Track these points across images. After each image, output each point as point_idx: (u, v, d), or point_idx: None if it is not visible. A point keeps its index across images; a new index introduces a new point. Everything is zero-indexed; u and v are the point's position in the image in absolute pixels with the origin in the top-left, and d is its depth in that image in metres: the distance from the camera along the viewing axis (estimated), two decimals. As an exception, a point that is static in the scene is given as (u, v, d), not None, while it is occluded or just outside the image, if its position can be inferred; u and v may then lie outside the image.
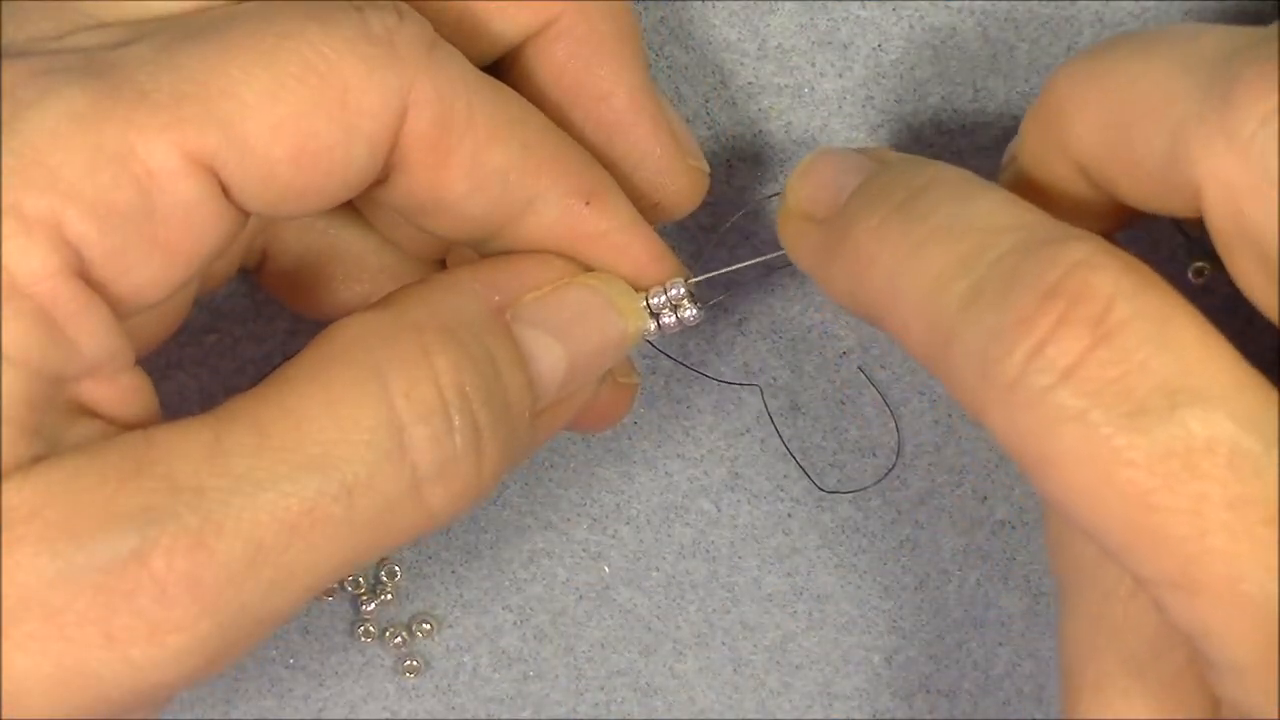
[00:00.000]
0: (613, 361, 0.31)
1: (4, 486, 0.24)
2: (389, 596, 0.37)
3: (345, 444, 0.26)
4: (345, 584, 0.37)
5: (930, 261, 0.26)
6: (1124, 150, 0.26)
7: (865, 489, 0.36)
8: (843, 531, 0.37)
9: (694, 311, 0.30)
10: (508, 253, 0.30)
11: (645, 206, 0.31)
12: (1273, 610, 0.23)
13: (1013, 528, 0.36)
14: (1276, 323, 0.25)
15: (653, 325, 0.31)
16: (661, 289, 0.30)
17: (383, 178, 0.28)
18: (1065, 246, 0.25)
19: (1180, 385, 0.23)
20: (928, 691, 0.37)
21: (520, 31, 0.30)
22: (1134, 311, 0.24)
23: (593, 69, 0.30)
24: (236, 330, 0.36)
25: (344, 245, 0.33)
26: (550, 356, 0.29)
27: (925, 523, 0.36)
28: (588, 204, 0.30)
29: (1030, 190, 0.29)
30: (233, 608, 0.25)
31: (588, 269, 0.30)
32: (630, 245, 0.30)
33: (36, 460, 0.25)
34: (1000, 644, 0.37)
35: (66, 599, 0.24)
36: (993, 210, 0.26)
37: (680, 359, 0.36)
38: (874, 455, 0.36)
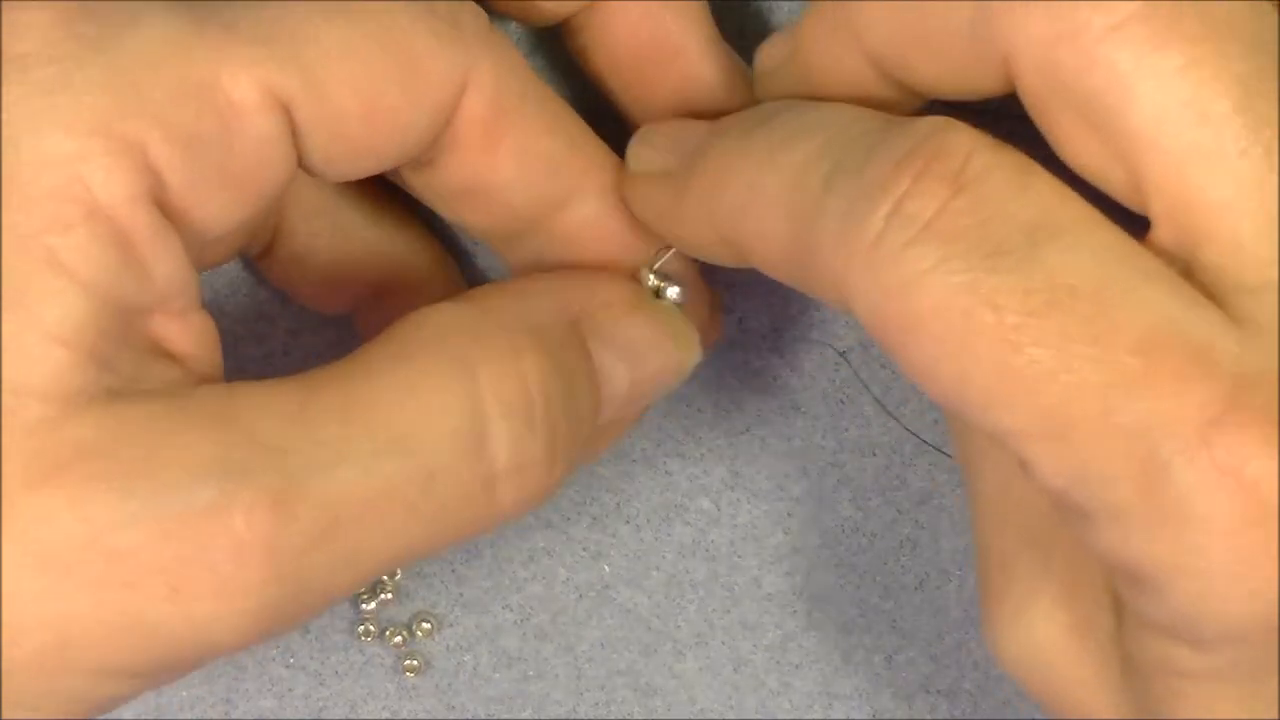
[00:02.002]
0: (666, 392, 0.31)
1: (77, 418, 0.23)
2: (389, 596, 0.37)
3: (430, 430, 0.26)
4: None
5: (792, 155, 0.26)
6: (922, 31, 0.26)
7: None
8: (843, 531, 0.37)
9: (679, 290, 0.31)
10: (575, 268, 0.31)
11: None
12: (1148, 440, 0.22)
13: (1013, 527, 0.36)
14: (1109, 188, 0.25)
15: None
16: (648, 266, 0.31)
17: (431, 160, 0.28)
18: (920, 120, 0.25)
19: (1039, 224, 0.23)
20: (928, 691, 0.37)
21: None
22: (991, 163, 0.24)
23: (664, 26, 0.31)
24: (237, 330, 0.36)
25: (353, 236, 0.33)
26: (615, 375, 0.29)
27: (925, 523, 0.36)
28: (625, 205, 0.30)
29: (816, 91, 0.28)
30: (301, 577, 0.24)
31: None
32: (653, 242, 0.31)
33: (113, 396, 0.24)
34: (1000, 644, 0.37)
35: (135, 545, 0.23)
36: (847, 109, 0.27)
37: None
38: (874, 455, 0.36)
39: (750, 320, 0.36)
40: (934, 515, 0.36)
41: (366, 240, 0.33)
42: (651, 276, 0.31)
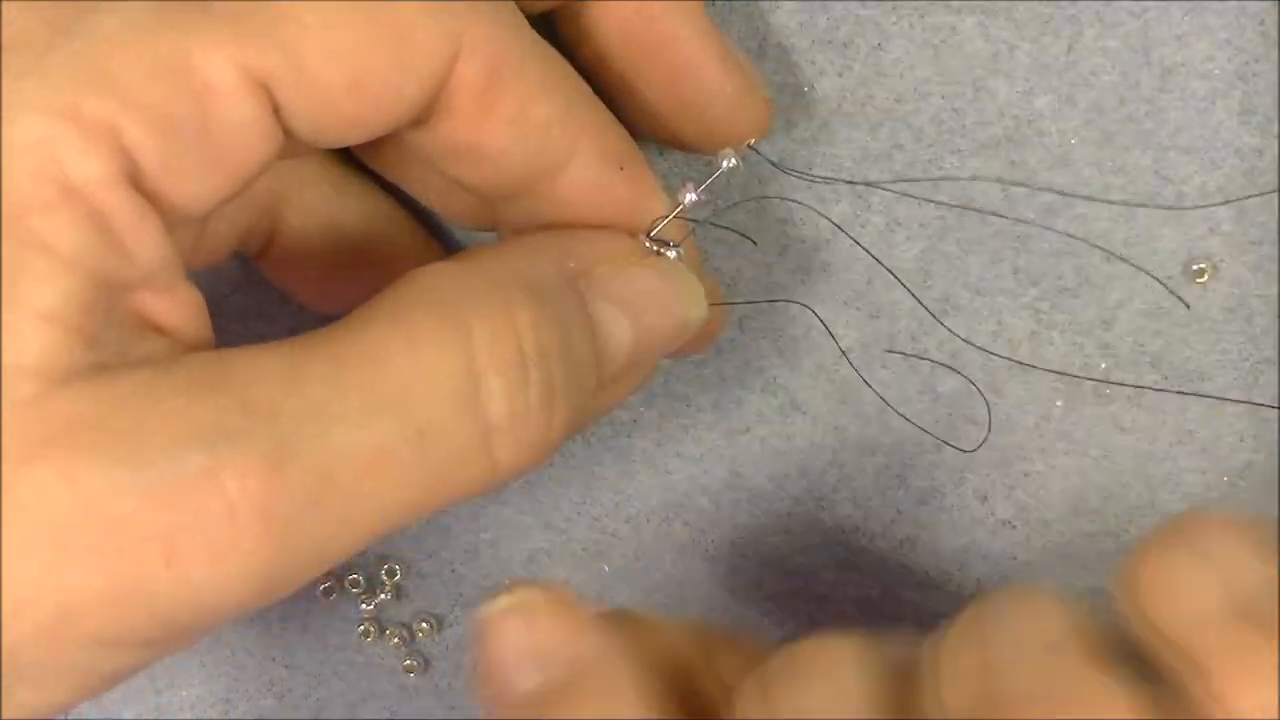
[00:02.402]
0: (673, 346, 0.31)
1: (65, 393, 0.23)
2: (389, 596, 0.37)
3: (423, 388, 0.25)
4: (345, 583, 0.36)
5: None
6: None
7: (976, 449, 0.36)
8: (843, 531, 0.37)
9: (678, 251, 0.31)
10: (574, 226, 0.30)
11: (718, 142, 0.32)
12: None
13: (1013, 527, 0.36)
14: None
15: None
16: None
17: (424, 119, 0.28)
18: None
19: None
20: (928, 691, 0.37)
21: None
22: None
23: (658, 15, 0.31)
24: (237, 330, 0.36)
25: (351, 233, 0.33)
26: (618, 330, 0.29)
27: (925, 522, 0.36)
28: (621, 169, 0.30)
29: None
30: (297, 538, 0.24)
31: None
32: (651, 210, 0.31)
33: (101, 370, 0.24)
34: (1000, 644, 0.37)
35: (129, 512, 0.23)
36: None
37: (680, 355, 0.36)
38: (874, 455, 0.36)
39: (750, 320, 0.36)
40: (934, 515, 0.36)
41: (364, 239, 0.33)
42: (647, 243, 0.31)
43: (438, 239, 0.35)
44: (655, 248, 0.31)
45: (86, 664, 0.24)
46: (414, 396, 0.25)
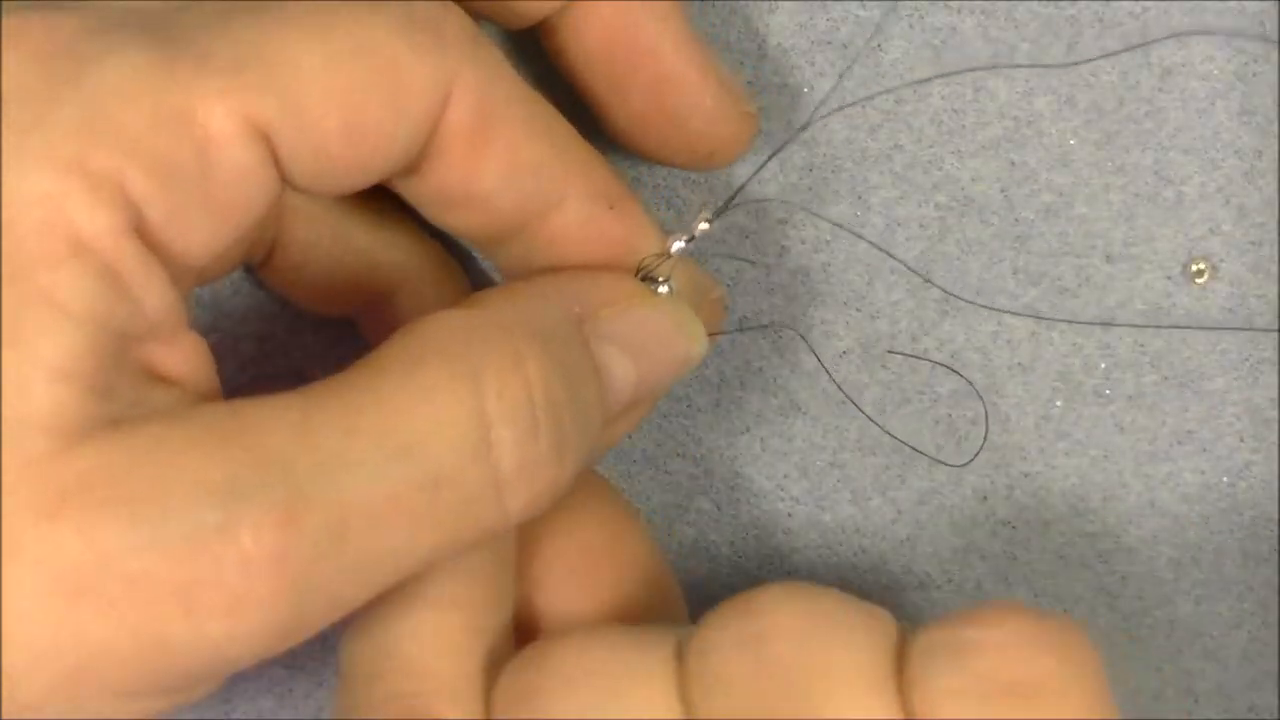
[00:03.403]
0: (675, 381, 0.31)
1: (81, 449, 0.24)
2: (389, 596, 0.37)
3: (435, 437, 0.26)
4: (345, 584, 0.36)
5: None
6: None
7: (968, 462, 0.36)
8: (843, 531, 0.37)
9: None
10: (578, 267, 0.31)
11: (699, 156, 0.32)
12: None
13: (1013, 527, 0.36)
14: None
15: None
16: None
17: (416, 167, 0.28)
18: None
19: None
20: (928, 692, 0.37)
21: None
22: None
23: (639, 25, 0.31)
24: (237, 330, 0.36)
25: (353, 243, 0.33)
26: (623, 372, 0.30)
27: (925, 522, 0.36)
28: (612, 208, 0.30)
29: None
30: (312, 588, 0.24)
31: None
32: (644, 246, 0.31)
33: (115, 424, 0.24)
34: (1000, 644, 0.37)
35: (147, 568, 0.23)
36: None
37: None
38: (874, 455, 0.36)
39: (750, 320, 0.36)
40: (934, 515, 0.36)
41: (367, 245, 0.33)
42: (638, 279, 0.31)
43: (442, 243, 0.35)
44: (647, 283, 0.31)
45: (106, 713, 0.25)
46: (427, 447, 0.25)
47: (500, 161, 0.28)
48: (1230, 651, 0.37)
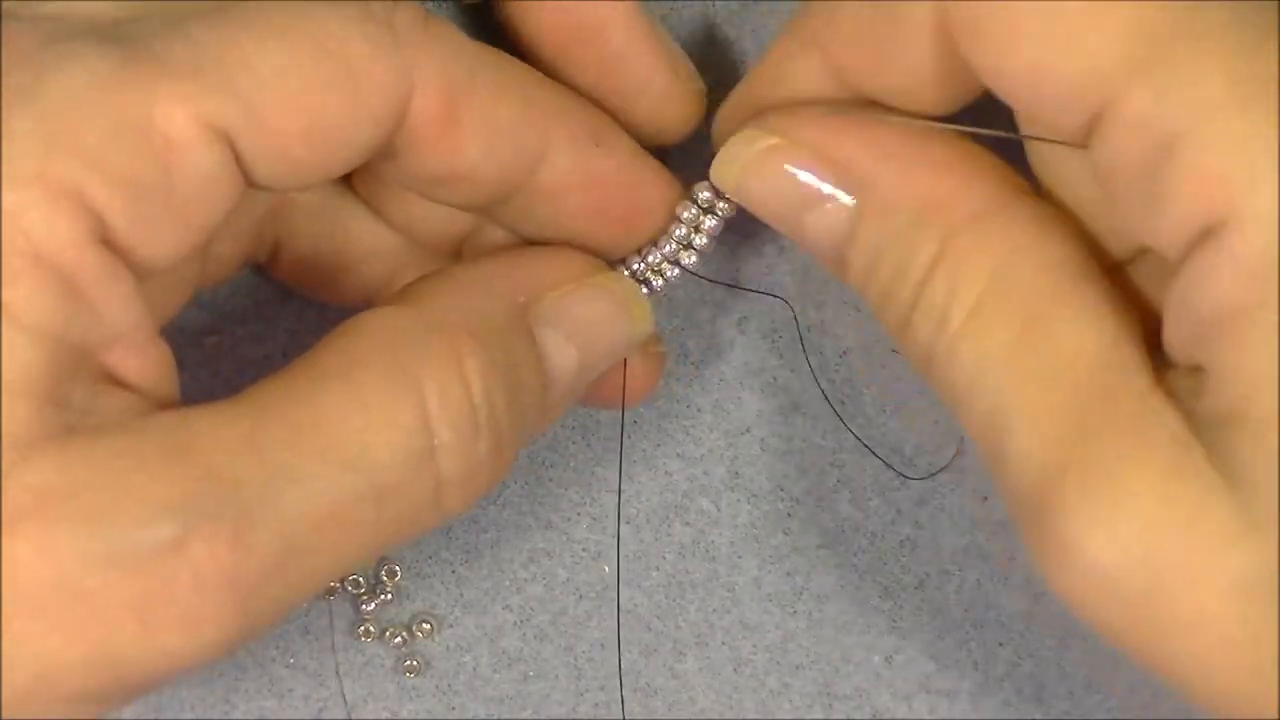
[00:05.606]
0: (616, 361, 0.32)
1: (36, 463, 0.24)
2: (389, 596, 0.37)
3: (379, 447, 0.26)
4: (345, 584, 0.37)
5: None
6: (890, 46, 0.27)
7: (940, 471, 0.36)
8: (843, 531, 0.37)
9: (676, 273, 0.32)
10: (526, 247, 0.31)
11: (647, 134, 0.32)
12: None
13: (1013, 527, 0.36)
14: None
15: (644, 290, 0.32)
16: (639, 256, 0.32)
17: (391, 155, 0.28)
18: None
19: None
20: (928, 692, 0.37)
21: None
22: None
23: (588, 3, 0.31)
24: (237, 330, 0.36)
25: (356, 232, 0.33)
26: (564, 358, 0.30)
27: (925, 523, 0.36)
28: (597, 145, 0.30)
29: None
30: (262, 600, 0.25)
31: (600, 265, 0.31)
32: (641, 177, 0.31)
33: (69, 431, 0.24)
34: (1000, 644, 0.37)
35: (103, 583, 0.24)
36: None
37: (681, 354, 0.36)
38: (874, 455, 0.36)
39: (750, 320, 0.36)
40: (934, 515, 0.36)
41: (373, 234, 0.33)
42: (694, 208, 0.31)
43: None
44: (699, 213, 0.31)
45: (55, 714, 0.25)
46: (370, 457, 0.26)
47: (475, 137, 0.29)
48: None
